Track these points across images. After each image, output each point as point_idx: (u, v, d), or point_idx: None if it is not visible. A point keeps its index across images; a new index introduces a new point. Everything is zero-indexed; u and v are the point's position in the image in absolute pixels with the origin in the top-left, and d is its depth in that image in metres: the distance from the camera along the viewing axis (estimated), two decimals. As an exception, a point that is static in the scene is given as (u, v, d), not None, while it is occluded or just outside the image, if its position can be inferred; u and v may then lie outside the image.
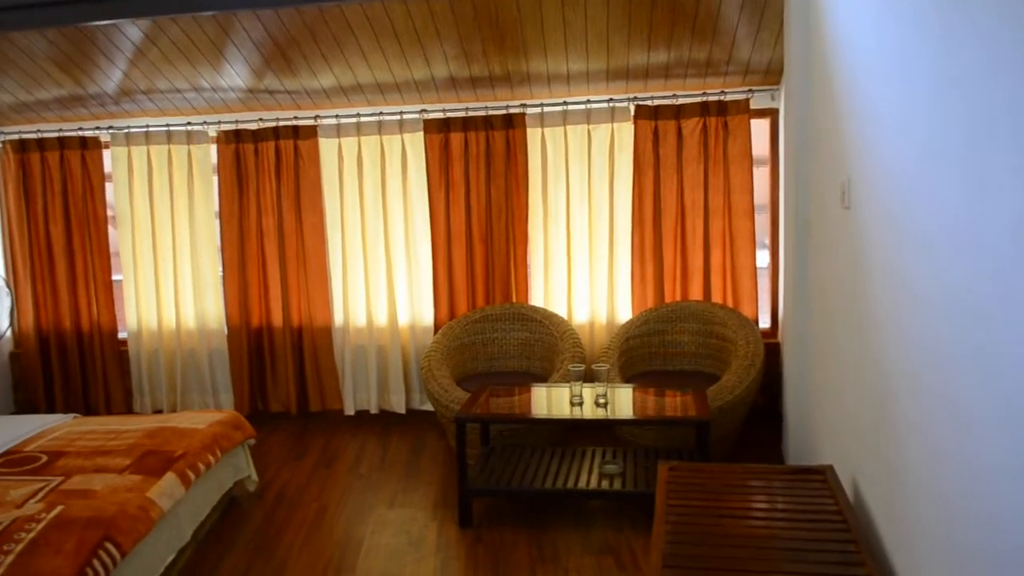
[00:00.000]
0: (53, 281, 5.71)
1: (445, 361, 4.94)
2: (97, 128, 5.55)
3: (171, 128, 5.45)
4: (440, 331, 5.20)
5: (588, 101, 5.18)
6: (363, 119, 5.33)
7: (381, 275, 5.49)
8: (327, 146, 5.41)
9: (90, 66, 4.86)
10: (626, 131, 5.20)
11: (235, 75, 4.98)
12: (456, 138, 5.31)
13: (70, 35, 4.55)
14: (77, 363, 5.77)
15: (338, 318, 5.57)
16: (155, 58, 4.77)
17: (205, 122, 5.44)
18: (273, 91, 5.19)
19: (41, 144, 5.56)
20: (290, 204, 5.48)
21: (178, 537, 3.47)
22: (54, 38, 4.55)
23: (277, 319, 5.60)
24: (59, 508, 3.06)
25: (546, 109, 5.22)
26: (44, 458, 3.65)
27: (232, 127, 5.43)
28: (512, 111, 5.25)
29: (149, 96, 5.27)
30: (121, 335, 5.80)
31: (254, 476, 4.35)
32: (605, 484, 3.78)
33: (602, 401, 3.92)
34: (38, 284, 5.71)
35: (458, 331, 5.19)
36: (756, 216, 5.18)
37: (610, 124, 5.20)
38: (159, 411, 5.73)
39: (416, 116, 5.32)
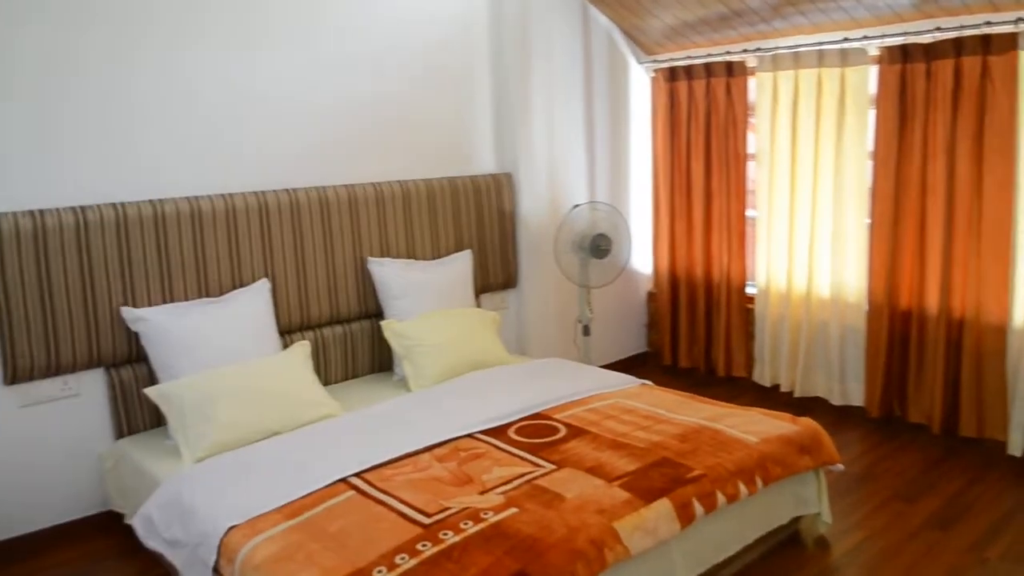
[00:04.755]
0: (689, 221, 5.22)
1: None
2: (744, 51, 4.75)
3: (823, 47, 4.33)
4: None
5: None
6: (1096, 19, 3.41)
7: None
8: (1032, 64, 3.65)
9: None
10: None
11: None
12: None
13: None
14: (703, 313, 5.25)
15: (1018, 316, 3.86)
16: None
17: (865, 36, 4.16)
18: (955, -14, 3.66)
19: (688, 72, 5.02)
20: (967, 148, 3.90)
21: (660, 583, 2.67)
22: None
23: (931, 303, 4.15)
24: (510, 512, 2.56)
25: None
26: (562, 432, 3.23)
27: (899, 41, 4.05)
28: None
29: (799, 9, 4.25)
30: (749, 290, 5.06)
31: (826, 516, 3.25)
32: None
33: None
34: (676, 223, 5.30)
35: None
36: None
37: None
38: (776, 386, 4.89)
39: None
